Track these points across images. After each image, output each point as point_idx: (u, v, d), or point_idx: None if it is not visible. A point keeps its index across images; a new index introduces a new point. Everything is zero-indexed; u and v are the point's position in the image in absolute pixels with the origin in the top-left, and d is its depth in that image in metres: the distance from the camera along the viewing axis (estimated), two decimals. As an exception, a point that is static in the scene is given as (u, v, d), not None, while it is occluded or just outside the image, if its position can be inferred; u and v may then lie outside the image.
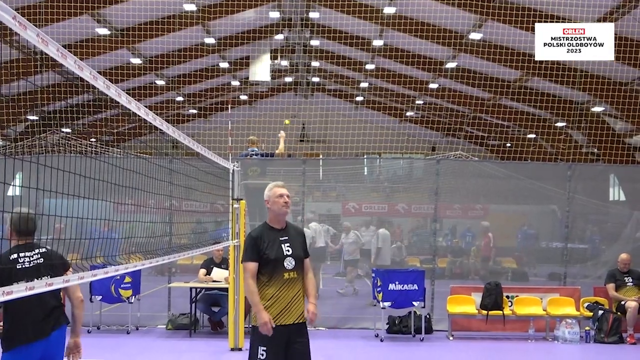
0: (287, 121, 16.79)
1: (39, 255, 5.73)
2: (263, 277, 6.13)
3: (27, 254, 5.70)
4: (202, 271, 13.28)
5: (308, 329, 6.26)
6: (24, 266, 5.62)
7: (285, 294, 6.09)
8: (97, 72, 4.85)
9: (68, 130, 23.76)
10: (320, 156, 27.41)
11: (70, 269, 5.81)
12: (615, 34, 14.52)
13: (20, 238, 5.76)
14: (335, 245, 17.54)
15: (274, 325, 5.96)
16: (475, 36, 22.35)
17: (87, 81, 4.73)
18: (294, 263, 6.17)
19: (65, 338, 5.91)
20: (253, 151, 15.92)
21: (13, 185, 5.75)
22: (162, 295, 14.79)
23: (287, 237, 6.26)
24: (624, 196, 19.24)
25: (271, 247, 6.14)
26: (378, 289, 12.77)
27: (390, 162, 22.19)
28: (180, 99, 30.65)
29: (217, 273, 13.00)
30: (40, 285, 4.32)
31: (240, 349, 11.39)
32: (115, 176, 6.17)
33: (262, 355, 5.98)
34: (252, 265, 6.10)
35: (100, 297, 13.12)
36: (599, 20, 18.62)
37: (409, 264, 16.94)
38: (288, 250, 6.18)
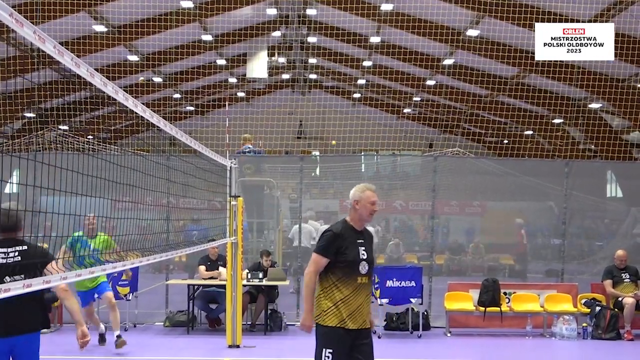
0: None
1: (17, 253, 5.65)
2: (334, 277, 5.90)
3: (5, 249, 5.64)
4: (202, 267, 13.28)
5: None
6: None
7: (354, 299, 5.90)
8: (94, 69, 4.85)
9: (65, 127, 23.71)
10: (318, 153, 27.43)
11: (54, 262, 5.60)
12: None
13: (1, 233, 5.72)
14: None
15: (310, 332, 5.95)
16: (472, 33, 22.35)
17: (84, 78, 4.73)
18: (367, 268, 5.98)
19: (37, 344, 5.77)
20: (247, 148, 15.93)
21: (10, 183, 5.73)
22: (159, 293, 14.79)
23: (363, 241, 6.06)
24: (621, 193, 19.28)
25: (350, 247, 5.93)
26: (375, 286, 12.78)
27: (388, 159, 22.19)
28: (177, 96, 30.60)
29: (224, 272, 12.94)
30: (18, 287, 4.17)
31: (237, 346, 11.40)
32: (112, 173, 6.16)
33: (328, 357, 5.82)
34: (323, 261, 5.88)
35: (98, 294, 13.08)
36: (595, 17, 18.62)
37: (407, 261, 16.95)
38: (363, 254, 5.97)
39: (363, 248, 5.99)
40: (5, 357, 5.70)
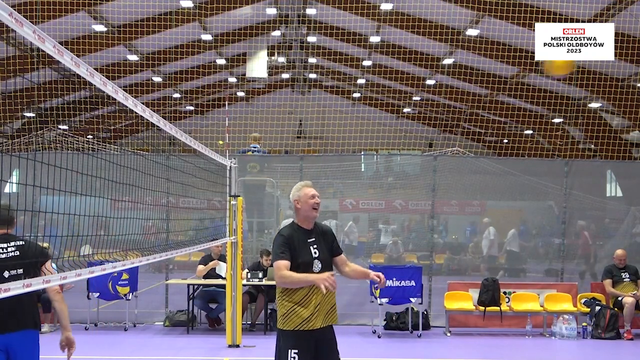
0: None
1: (15, 248, 5.76)
2: None
3: (3, 245, 5.75)
4: (201, 267, 13.27)
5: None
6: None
7: (313, 299, 5.88)
8: (94, 68, 4.85)
9: (65, 127, 23.71)
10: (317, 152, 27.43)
11: (49, 262, 5.79)
12: (612, 30, 14.54)
13: None
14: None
15: (334, 283, 5.73)
16: (472, 32, 22.35)
17: (83, 78, 4.72)
18: (320, 266, 5.98)
19: (34, 343, 5.82)
20: (255, 147, 15.90)
21: (10, 182, 5.73)
22: (159, 292, 14.79)
23: (314, 239, 6.06)
24: (620, 192, 19.26)
25: (301, 249, 5.94)
26: (375, 286, 12.78)
27: (387, 158, 22.19)
28: (177, 95, 30.60)
29: (223, 267, 12.94)
30: (18, 287, 4.17)
31: (237, 346, 11.41)
32: (112, 173, 6.16)
33: (294, 358, 5.79)
34: (285, 263, 5.84)
35: (98, 294, 13.12)
36: (595, 17, 18.62)
37: (407, 261, 16.95)
38: (315, 253, 5.99)
39: (315, 246, 6.01)
40: (2, 355, 5.72)
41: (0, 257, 5.69)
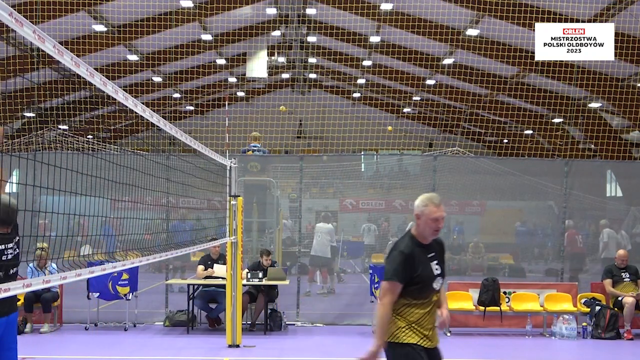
0: (283, 108, 18.00)
1: (16, 246, 6.01)
2: (406, 299, 5.39)
3: (9, 245, 5.95)
4: (201, 267, 13.27)
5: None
6: (7, 258, 5.87)
7: (429, 318, 5.52)
8: (94, 68, 4.85)
9: (65, 127, 23.72)
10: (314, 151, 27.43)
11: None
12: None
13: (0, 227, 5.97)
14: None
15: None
16: (472, 32, 22.36)
17: (83, 78, 4.73)
18: (440, 283, 5.55)
19: (15, 324, 6.12)
20: (255, 147, 15.91)
21: (10, 182, 5.75)
22: (159, 292, 14.78)
23: (434, 254, 5.56)
24: (620, 192, 19.28)
25: (423, 266, 5.43)
26: (375, 286, 12.78)
27: (388, 158, 22.21)
28: (177, 95, 30.61)
29: (219, 269, 12.95)
30: (18, 287, 4.24)
31: (237, 346, 11.40)
32: (112, 173, 6.16)
33: None
34: (397, 287, 5.33)
35: (98, 294, 13.10)
36: (595, 17, 18.63)
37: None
38: (437, 269, 5.51)
39: (435, 262, 5.54)
40: None
41: (7, 258, 5.87)
